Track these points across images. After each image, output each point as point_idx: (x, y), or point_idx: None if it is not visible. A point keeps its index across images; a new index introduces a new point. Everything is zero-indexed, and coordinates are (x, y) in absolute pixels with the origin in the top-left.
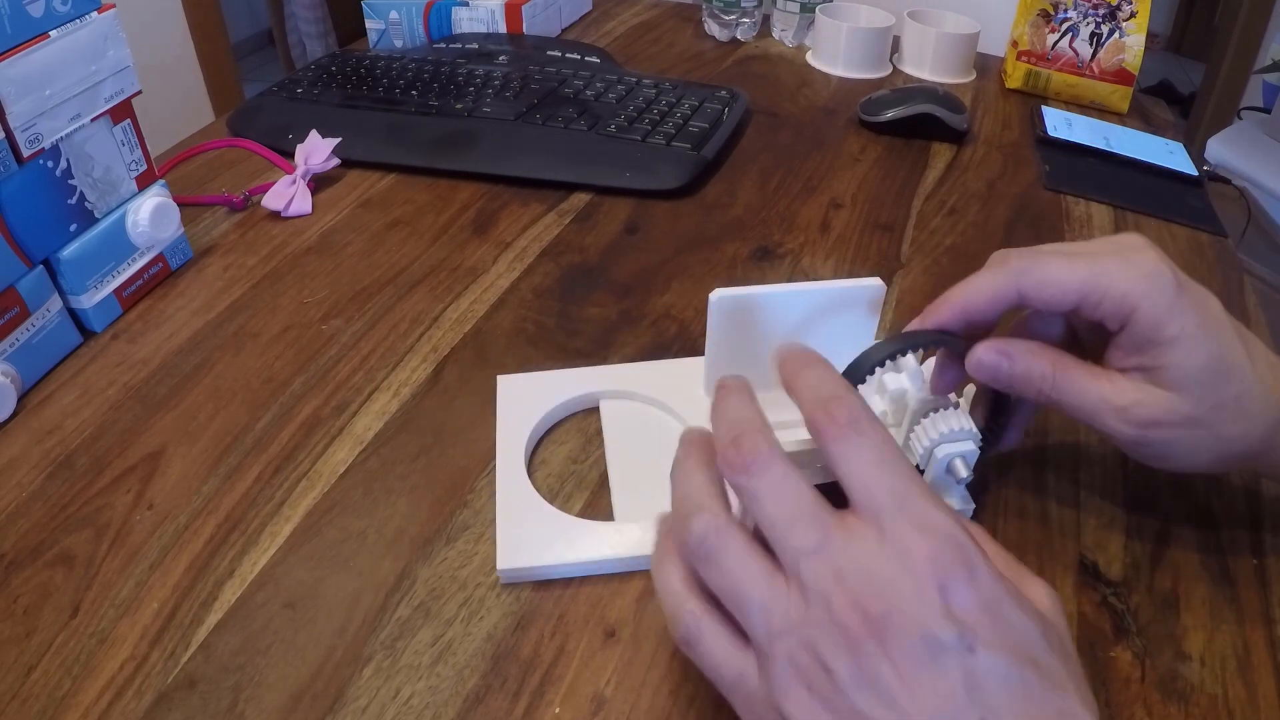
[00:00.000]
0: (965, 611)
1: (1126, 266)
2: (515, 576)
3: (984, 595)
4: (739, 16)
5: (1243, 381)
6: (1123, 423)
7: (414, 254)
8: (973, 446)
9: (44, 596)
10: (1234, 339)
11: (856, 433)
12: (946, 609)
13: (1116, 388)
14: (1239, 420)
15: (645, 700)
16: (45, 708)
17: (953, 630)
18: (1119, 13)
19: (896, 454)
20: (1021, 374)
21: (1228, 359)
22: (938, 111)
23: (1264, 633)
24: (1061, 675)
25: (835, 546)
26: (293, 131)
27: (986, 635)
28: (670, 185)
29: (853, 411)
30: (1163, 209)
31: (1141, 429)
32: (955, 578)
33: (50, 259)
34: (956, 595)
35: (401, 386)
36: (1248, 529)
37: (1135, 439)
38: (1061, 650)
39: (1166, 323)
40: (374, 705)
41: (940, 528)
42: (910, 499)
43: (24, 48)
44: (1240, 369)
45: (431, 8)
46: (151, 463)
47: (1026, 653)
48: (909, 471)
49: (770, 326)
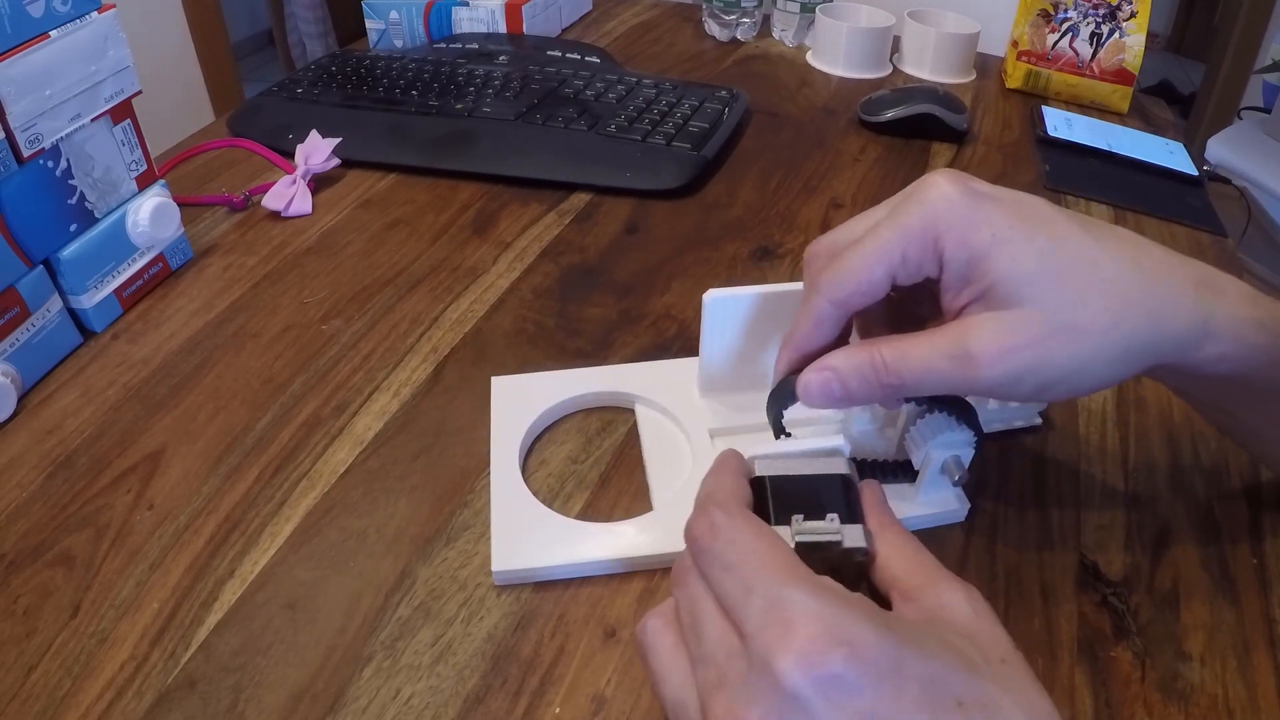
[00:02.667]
0: (855, 697)
1: (915, 206)
2: (510, 579)
3: (872, 666)
4: (739, 16)
5: (1094, 266)
6: (973, 368)
7: (414, 254)
8: (969, 448)
9: (44, 596)
10: (1069, 227)
11: (703, 551)
12: (835, 705)
13: (950, 336)
14: (1103, 311)
15: (645, 700)
16: (45, 708)
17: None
18: (1119, 13)
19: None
20: (855, 379)
21: (1062, 249)
22: (938, 111)
23: (1264, 633)
24: (996, 699)
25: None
26: (293, 131)
27: (889, 710)
28: (670, 185)
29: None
30: (1163, 209)
31: (996, 364)
32: (831, 667)
33: (50, 259)
34: (839, 685)
35: (401, 386)
36: (1248, 529)
37: (1002, 379)
38: (990, 663)
39: (972, 235)
40: (374, 705)
41: (807, 619)
42: (765, 594)
43: (24, 48)
44: (1085, 253)
45: (431, 8)
46: (151, 463)
47: (946, 699)
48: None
49: (763, 325)
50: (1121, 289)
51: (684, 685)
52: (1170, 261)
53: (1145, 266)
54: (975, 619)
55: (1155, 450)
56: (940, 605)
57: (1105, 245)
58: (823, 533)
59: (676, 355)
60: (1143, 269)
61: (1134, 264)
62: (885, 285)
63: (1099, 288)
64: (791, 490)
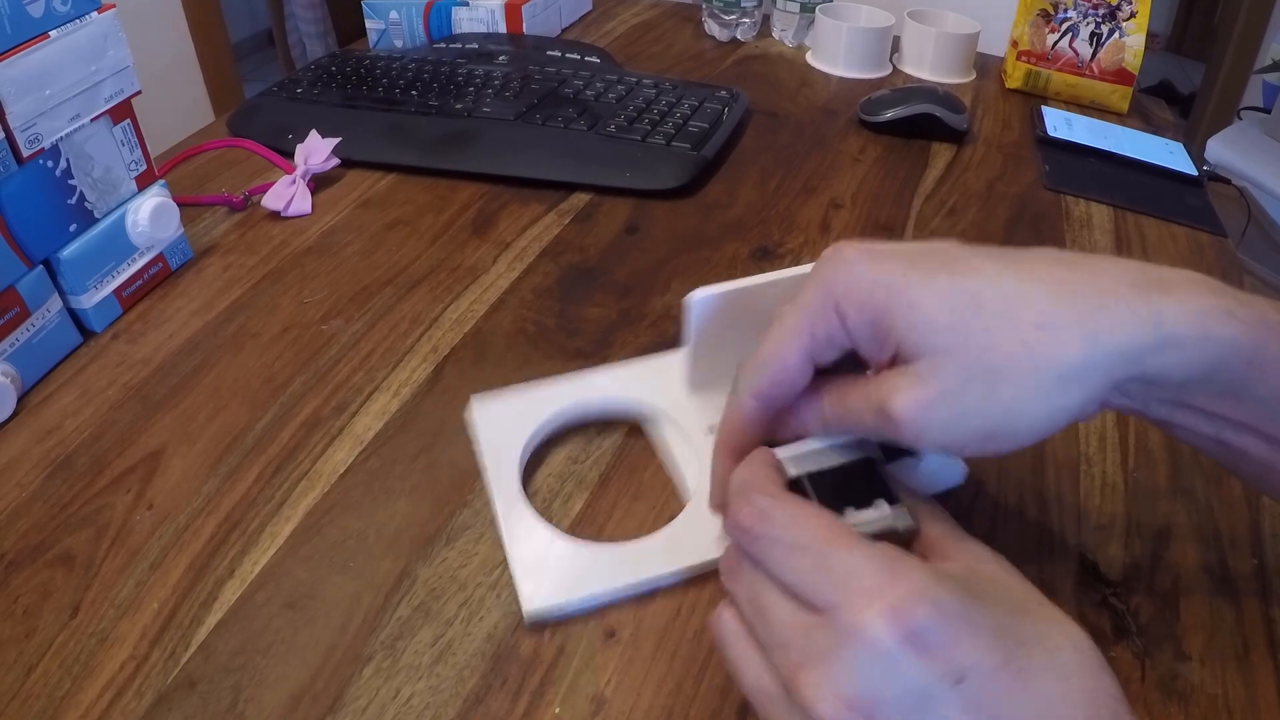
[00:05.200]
0: (940, 646)
1: (812, 283)
2: (543, 616)
3: (950, 616)
4: (739, 16)
5: (1005, 299)
6: (894, 427)
7: (414, 254)
8: None
9: (44, 596)
10: (978, 263)
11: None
12: (924, 655)
13: (868, 392)
14: (1026, 343)
15: (645, 700)
16: (45, 708)
17: (936, 672)
18: (1119, 13)
19: (793, 522)
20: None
21: (969, 286)
22: (938, 111)
23: (1264, 633)
24: (1046, 633)
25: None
26: (293, 131)
27: (970, 657)
28: (670, 185)
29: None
30: (1163, 209)
31: (915, 422)
32: (916, 621)
33: (50, 259)
34: (925, 638)
35: (401, 386)
36: (1248, 529)
37: (927, 434)
38: (1030, 608)
39: (869, 295)
40: (374, 705)
41: (881, 580)
42: (832, 564)
43: (24, 48)
44: (995, 287)
45: (431, 8)
46: (151, 463)
47: (1011, 639)
48: (826, 529)
49: (749, 317)
50: (1039, 315)
51: (761, 674)
52: (1101, 269)
53: (1067, 284)
54: (1002, 571)
55: (1155, 450)
56: (974, 560)
57: (1020, 272)
58: (878, 521)
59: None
60: (1064, 287)
61: (1055, 284)
62: (805, 369)
63: (1010, 320)
64: (831, 483)
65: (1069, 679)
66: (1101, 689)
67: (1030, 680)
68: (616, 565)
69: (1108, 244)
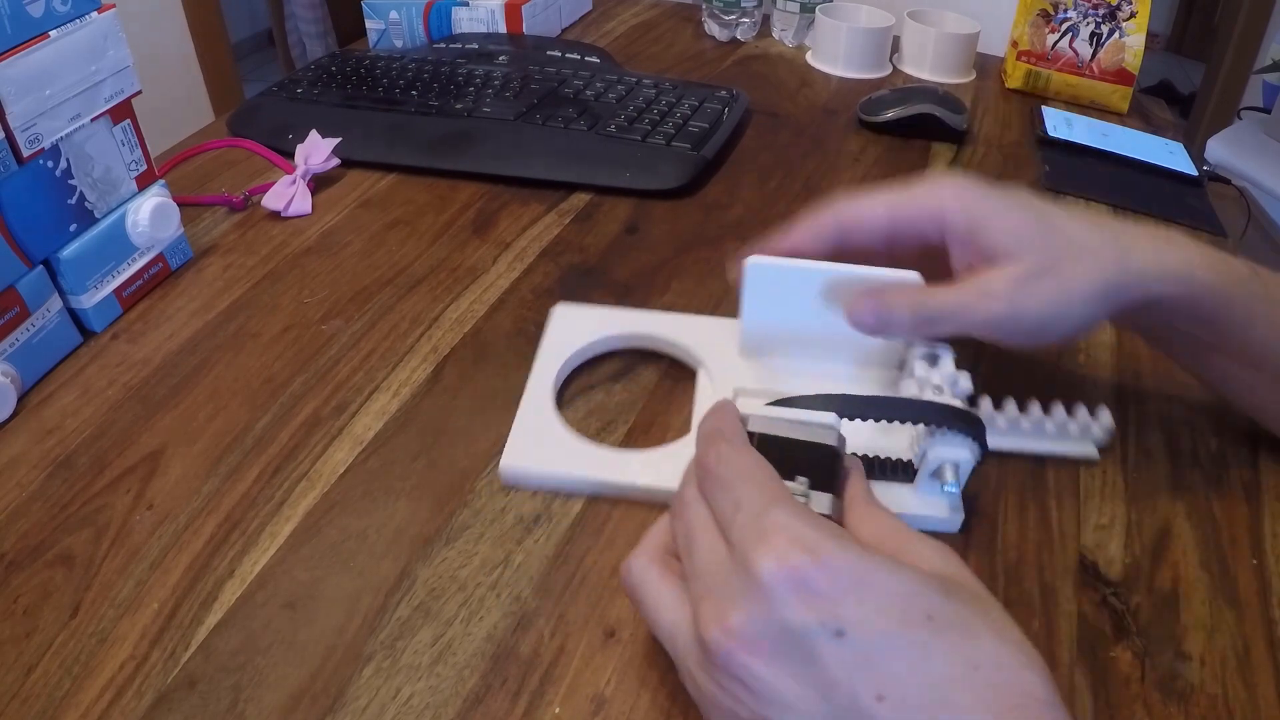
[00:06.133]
0: (823, 597)
1: (925, 184)
2: (514, 479)
3: (841, 574)
4: (739, 16)
5: (1068, 226)
6: (991, 300)
7: (414, 254)
8: (967, 455)
9: (44, 596)
10: (1047, 205)
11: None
12: (804, 602)
13: (972, 282)
14: (1081, 257)
15: (645, 700)
16: (45, 708)
17: (813, 620)
18: (1119, 13)
19: (741, 469)
20: (895, 306)
21: (1044, 215)
22: (938, 111)
23: (1264, 633)
24: (968, 619)
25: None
26: (293, 131)
27: (854, 613)
28: (670, 185)
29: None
30: (1163, 209)
31: (1009, 299)
32: (801, 570)
33: (50, 259)
34: (808, 586)
35: (401, 386)
36: (1248, 529)
37: (1010, 311)
38: (964, 595)
39: (973, 207)
40: (374, 705)
41: (781, 529)
42: (751, 509)
43: (24, 48)
44: (1059, 218)
45: (431, 8)
46: (151, 463)
47: (916, 611)
48: (761, 482)
49: (802, 301)
50: (1091, 243)
51: (677, 607)
52: (1127, 225)
53: (1108, 228)
54: (945, 565)
55: (1155, 450)
56: (911, 560)
57: (1074, 216)
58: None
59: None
60: (1106, 229)
61: (1099, 226)
62: (882, 226)
63: (1076, 243)
64: (777, 449)
65: (978, 668)
66: (1020, 687)
67: (930, 655)
68: (594, 460)
69: None
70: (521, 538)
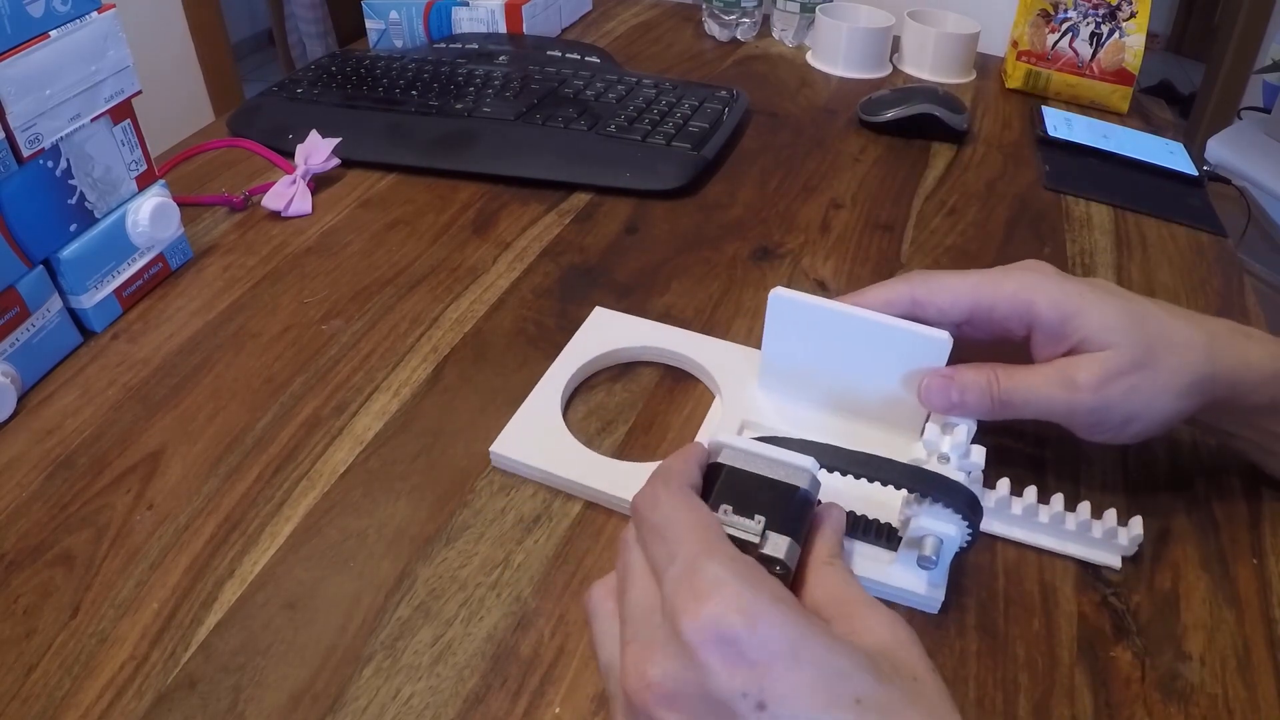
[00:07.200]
0: (750, 664)
1: (1010, 272)
2: (502, 463)
3: (771, 642)
4: (739, 16)
5: (1158, 317)
6: (1077, 392)
7: (414, 254)
8: (953, 532)
9: (44, 596)
10: (1135, 295)
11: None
12: (729, 667)
13: (1057, 368)
14: (1173, 350)
15: None
16: (45, 708)
17: (737, 687)
18: (1119, 13)
19: (674, 517)
20: (970, 387)
21: (1135, 306)
22: (938, 111)
23: (1264, 633)
24: (898, 707)
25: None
26: (293, 131)
27: (780, 687)
28: (670, 185)
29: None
30: (1163, 209)
31: (1097, 391)
32: (732, 632)
33: (50, 259)
34: (736, 649)
35: (401, 386)
36: (1248, 529)
37: (1096, 404)
38: (901, 677)
39: (1064, 301)
40: (374, 705)
41: (715, 586)
42: (684, 561)
43: (24, 48)
44: (1149, 308)
45: (431, 8)
46: (151, 463)
47: (845, 693)
48: (697, 531)
49: (824, 341)
50: (1183, 337)
51: (614, 646)
52: (1206, 317)
53: (1194, 320)
54: (893, 639)
55: (1155, 450)
56: (857, 630)
57: (1162, 306)
58: (741, 529)
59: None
60: (1194, 321)
61: (1186, 318)
62: (961, 311)
63: (1166, 336)
64: (742, 485)
65: None
66: None
67: None
68: (579, 462)
69: (1108, 244)
70: (521, 538)
